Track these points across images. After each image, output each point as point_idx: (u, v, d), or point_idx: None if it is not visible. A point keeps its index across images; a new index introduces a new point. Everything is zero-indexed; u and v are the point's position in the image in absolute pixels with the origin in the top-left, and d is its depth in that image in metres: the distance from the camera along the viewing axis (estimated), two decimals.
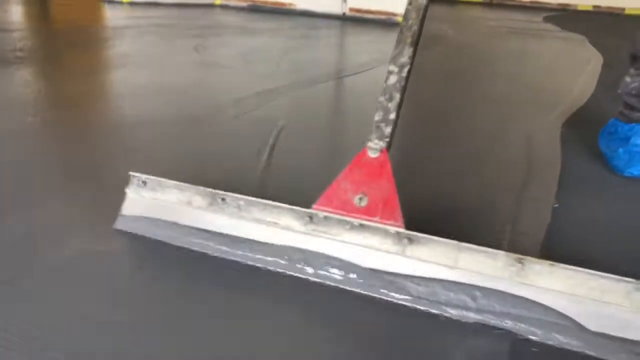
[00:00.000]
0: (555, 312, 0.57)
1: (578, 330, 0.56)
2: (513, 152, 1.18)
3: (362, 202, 0.65)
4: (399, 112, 0.71)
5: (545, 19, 3.95)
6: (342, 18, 3.35)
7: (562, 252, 0.76)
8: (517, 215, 0.86)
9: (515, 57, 2.68)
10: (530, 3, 4.72)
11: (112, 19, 3.24)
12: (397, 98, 0.70)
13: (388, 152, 0.68)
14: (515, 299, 0.59)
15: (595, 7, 4.42)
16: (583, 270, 0.57)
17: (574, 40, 3.29)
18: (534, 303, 0.58)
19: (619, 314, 0.55)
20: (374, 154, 0.67)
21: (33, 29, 2.75)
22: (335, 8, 3.37)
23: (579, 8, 4.47)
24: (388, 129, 0.68)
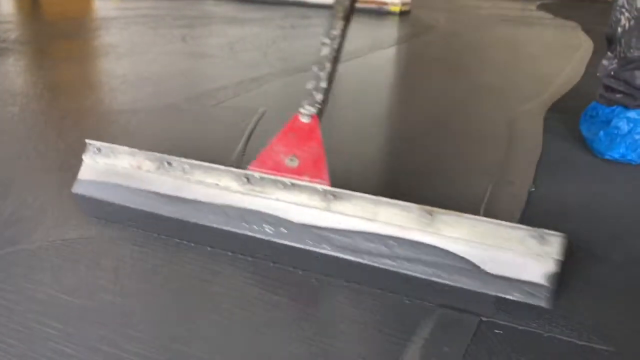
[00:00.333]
0: (459, 257, 0.63)
1: (479, 273, 0.62)
2: (494, 137, 1.18)
3: (293, 162, 0.71)
4: (332, 81, 0.76)
5: (539, 7, 3.93)
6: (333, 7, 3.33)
7: None
8: (491, 198, 0.85)
9: (506, 44, 2.67)
10: None
11: (102, 10, 3.22)
12: (328, 67, 0.75)
13: (319, 118, 0.73)
14: (426, 247, 0.64)
15: None
16: (486, 220, 0.62)
17: (566, 28, 3.27)
18: (442, 250, 0.64)
19: (515, 258, 0.61)
20: (306, 120, 0.73)
21: (22, 21, 2.74)
22: None
23: None
24: (319, 96, 0.74)
